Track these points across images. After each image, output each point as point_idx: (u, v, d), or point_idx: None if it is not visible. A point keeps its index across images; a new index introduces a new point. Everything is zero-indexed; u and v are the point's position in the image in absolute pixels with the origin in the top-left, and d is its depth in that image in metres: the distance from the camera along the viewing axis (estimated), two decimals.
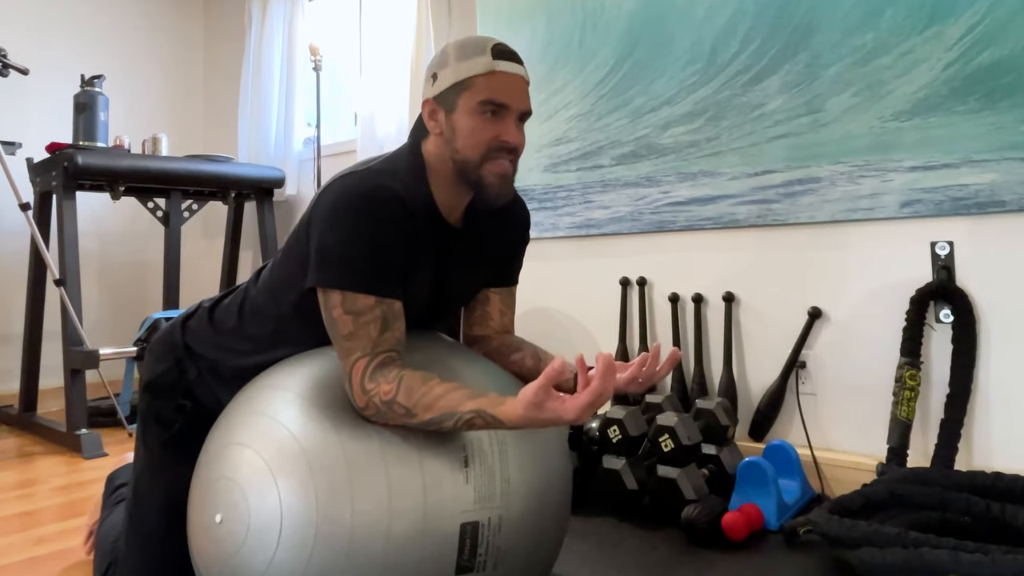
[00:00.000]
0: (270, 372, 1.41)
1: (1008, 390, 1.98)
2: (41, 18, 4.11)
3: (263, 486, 1.21)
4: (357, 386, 1.27)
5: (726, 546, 1.87)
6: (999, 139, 1.97)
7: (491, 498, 1.27)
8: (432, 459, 1.25)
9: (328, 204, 1.33)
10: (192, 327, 1.55)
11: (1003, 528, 1.67)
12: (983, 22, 1.99)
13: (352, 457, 1.22)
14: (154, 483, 1.53)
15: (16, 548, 1.99)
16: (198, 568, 1.33)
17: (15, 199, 2.96)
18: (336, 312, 1.30)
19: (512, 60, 1.38)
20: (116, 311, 4.30)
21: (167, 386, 1.53)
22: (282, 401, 1.30)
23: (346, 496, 1.19)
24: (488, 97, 1.35)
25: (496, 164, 1.37)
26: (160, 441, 1.53)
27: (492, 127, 1.36)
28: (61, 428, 3.14)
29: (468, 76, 1.35)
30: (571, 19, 2.87)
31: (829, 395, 2.27)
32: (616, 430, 2.14)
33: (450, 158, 1.39)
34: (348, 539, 1.18)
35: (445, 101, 1.38)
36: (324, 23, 4.18)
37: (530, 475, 1.34)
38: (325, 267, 1.32)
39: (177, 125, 4.64)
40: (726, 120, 2.46)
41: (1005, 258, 1.98)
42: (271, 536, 1.19)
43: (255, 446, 1.26)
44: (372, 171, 1.37)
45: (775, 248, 2.38)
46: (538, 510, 1.35)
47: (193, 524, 1.34)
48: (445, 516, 1.22)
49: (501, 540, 1.27)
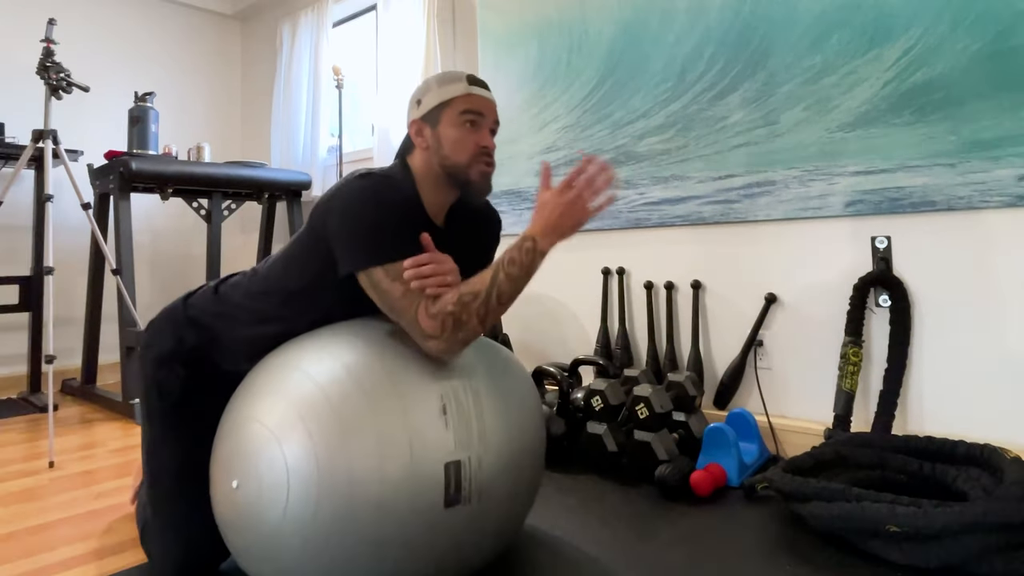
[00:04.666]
0: (274, 353, 1.39)
1: (937, 365, 1.96)
2: (100, 42, 4.07)
3: (270, 451, 1.21)
4: (425, 320, 1.27)
5: (694, 500, 1.86)
6: (930, 148, 1.95)
7: (469, 440, 1.27)
8: (414, 410, 1.24)
9: (340, 203, 1.33)
10: (194, 302, 1.53)
11: (934, 485, 1.67)
12: (916, 46, 1.97)
13: (343, 415, 1.21)
14: (163, 450, 1.49)
15: (79, 501, 1.97)
16: (224, 531, 1.31)
17: (78, 200, 2.93)
18: (384, 284, 1.30)
19: (482, 87, 1.46)
20: (165, 296, 4.27)
21: (167, 355, 1.49)
22: (285, 378, 1.29)
23: (342, 449, 1.18)
24: (467, 107, 1.42)
25: (480, 165, 1.43)
26: (162, 412, 1.49)
27: (473, 135, 1.42)
28: (117, 398, 3.13)
29: (449, 97, 1.43)
30: (559, 43, 2.84)
31: (783, 369, 2.26)
32: (599, 399, 2.13)
33: (438, 164, 1.43)
34: (348, 485, 1.17)
35: (430, 119, 1.44)
36: (345, 47, 4.14)
37: (504, 419, 1.35)
38: (357, 252, 1.32)
39: (218, 135, 4.61)
40: (694, 131, 2.43)
41: (936, 251, 1.96)
42: (281, 492, 1.18)
43: (260, 418, 1.25)
44: (373, 174, 1.38)
45: (736, 242, 2.36)
46: (514, 449, 1.35)
47: (215, 494, 1.32)
48: (430, 458, 1.22)
49: (482, 476, 1.28)
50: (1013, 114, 1.82)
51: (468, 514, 1.26)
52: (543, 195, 1.36)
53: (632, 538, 1.62)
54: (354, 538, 1.18)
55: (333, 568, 1.19)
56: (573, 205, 1.32)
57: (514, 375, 1.47)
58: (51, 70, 2.78)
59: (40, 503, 1.97)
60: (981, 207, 1.87)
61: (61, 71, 2.80)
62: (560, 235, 1.33)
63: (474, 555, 1.33)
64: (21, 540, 1.71)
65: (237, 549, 1.28)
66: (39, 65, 2.78)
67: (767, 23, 2.25)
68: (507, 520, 1.37)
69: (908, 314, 2.00)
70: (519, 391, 1.44)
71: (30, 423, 2.97)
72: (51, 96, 2.80)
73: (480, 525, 1.29)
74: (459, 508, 1.25)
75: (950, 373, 1.94)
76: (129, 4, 4.21)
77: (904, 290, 2.00)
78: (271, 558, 1.21)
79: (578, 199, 1.32)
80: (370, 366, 1.27)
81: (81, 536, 1.73)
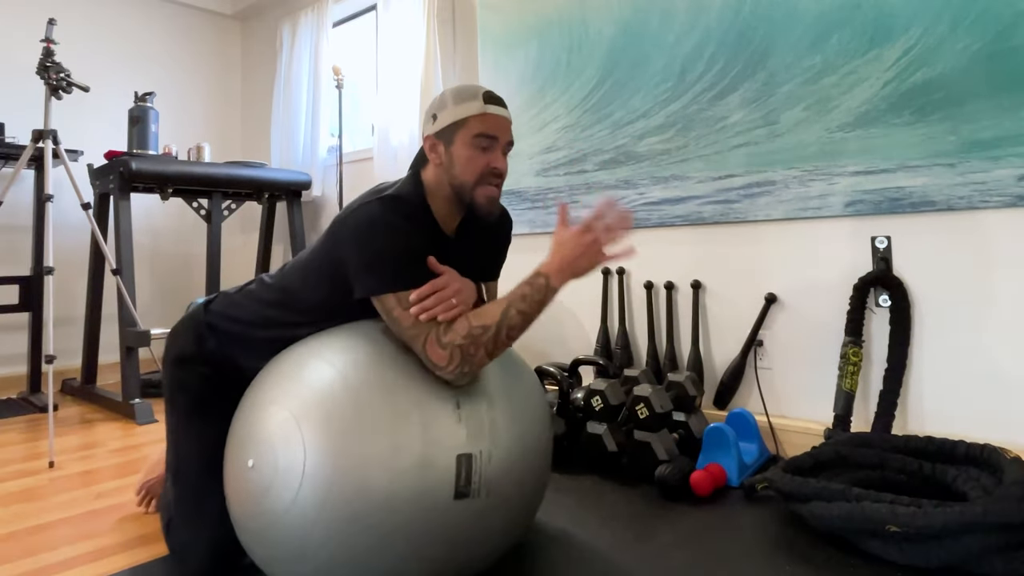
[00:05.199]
0: (298, 344, 1.42)
1: (938, 365, 1.96)
2: (100, 42, 4.07)
3: (289, 432, 1.23)
4: (435, 350, 1.29)
5: (694, 500, 1.86)
6: (930, 148, 1.95)
7: (480, 435, 1.29)
8: (428, 403, 1.27)
9: (355, 228, 1.36)
10: (214, 307, 1.58)
11: (934, 485, 1.67)
12: (916, 46, 1.97)
13: (361, 405, 1.23)
14: (187, 445, 1.53)
15: (79, 502, 1.97)
16: (232, 510, 1.33)
17: (78, 200, 2.93)
18: (396, 312, 1.32)
19: (498, 104, 1.45)
20: (165, 296, 4.27)
21: (189, 356, 1.55)
22: (304, 364, 1.32)
23: (357, 437, 1.20)
24: (481, 131, 1.42)
25: (486, 188, 1.44)
26: (187, 407, 1.55)
27: (484, 157, 1.43)
28: (117, 398, 3.12)
29: (464, 116, 1.42)
30: (559, 43, 2.84)
31: (783, 369, 2.26)
32: (599, 399, 2.13)
33: (448, 183, 1.45)
34: (361, 471, 1.19)
35: (444, 136, 1.44)
36: (345, 47, 4.14)
37: (514, 419, 1.37)
38: (371, 278, 1.34)
39: (218, 135, 4.61)
40: (693, 131, 2.43)
41: (936, 251, 1.96)
42: (295, 475, 1.20)
43: (280, 401, 1.28)
44: (386, 197, 1.40)
45: (736, 242, 2.36)
46: (523, 447, 1.37)
47: (228, 472, 1.35)
48: (442, 450, 1.24)
49: (491, 471, 1.29)
50: (1013, 114, 1.82)
51: (476, 508, 1.27)
52: (561, 234, 1.38)
53: (632, 538, 1.62)
54: (363, 525, 1.19)
55: (340, 554, 1.20)
56: (591, 247, 1.34)
57: (523, 375, 1.50)
58: (51, 70, 2.78)
59: (40, 503, 1.97)
60: (981, 207, 1.87)
61: (61, 71, 2.80)
62: (574, 275, 1.35)
63: (480, 551, 1.33)
64: (21, 540, 1.71)
65: (246, 531, 1.29)
66: (39, 65, 2.78)
67: (767, 23, 2.25)
68: (514, 517, 1.37)
69: (908, 314, 1.99)
70: (528, 391, 1.47)
71: (30, 423, 2.96)
72: (51, 96, 2.80)
73: (487, 521, 1.30)
74: (468, 501, 1.26)
75: (950, 373, 1.94)
76: (129, 4, 4.21)
77: (904, 290, 2.00)
78: (279, 541, 1.22)
79: (596, 242, 1.34)
80: (389, 359, 1.30)
81: (81, 536, 1.73)
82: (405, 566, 1.23)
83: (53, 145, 2.85)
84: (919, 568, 1.41)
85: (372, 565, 1.21)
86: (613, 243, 1.35)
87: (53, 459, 2.36)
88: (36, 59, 3.64)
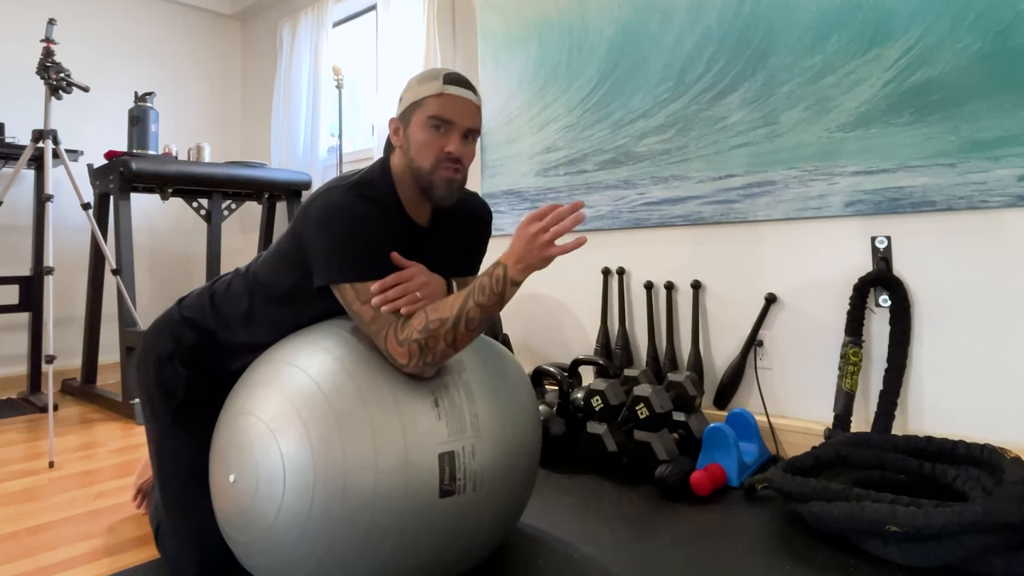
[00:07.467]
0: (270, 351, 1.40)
1: (938, 365, 1.96)
2: (100, 42, 4.06)
3: (266, 444, 1.22)
4: (394, 347, 1.27)
5: (694, 500, 1.86)
6: (930, 148, 1.95)
7: (462, 430, 1.28)
8: (406, 402, 1.25)
9: (317, 214, 1.32)
10: (188, 303, 1.55)
11: (934, 484, 1.67)
12: (916, 46, 1.97)
13: (338, 408, 1.22)
14: (171, 451, 1.49)
15: (79, 501, 1.97)
16: (222, 525, 1.32)
17: (78, 200, 2.93)
18: (356, 306, 1.30)
19: (461, 85, 1.38)
20: (165, 296, 4.27)
21: (166, 355, 1.51)
22: (277, 373, 1.31)
23: (336, 441, 1.19)
24: (435, 113, 1.36)
25: (443, 171, 1.37)
26: (169, 412, 1.50)
27: (439, 140, 1.36)
28: (117, 398, 3.13)
29: (422, 96, 1.37)
30: (560, 43, 2.84)
31: (783, 369, 2.26)
32: (599, 399, 2.13)
33: (407, 166, 1.40)
34: (343, 476, 1.18)
35: (404, 118, 1.40)
36: (345, 47, 4.14)
37: (497, 410, 1.36)
38: (328, 267, 1.31)
39: (218, 135, 4.61)
40: (693, 131, 2.43)
41: (936, 251, 1.96)
42: (277, 484, 1.19)
43: (255, 412, 1.26)
44: (350, 183, 1.36)
45: (736, 242, 2.36)
46: (509, 441, 1.36)
47: (213, 487, 1.34)
48: (424, 448, 1.23)
49: (476, 465, 1.28)
50: (1013, 114, 1.82)
51: (463, 504, 1.27)
52: (520, 226, 1.34)
53: (632, 538, 1.62)
54: (350, 529, 1.18)
55: (330, 559, 1.20)
56: (535, 238, 1.25)
57: (507, 369, 1.47)
58: (51, 70, 2.78)
59: (40, 503, 1.97)
60: (981, 207, 1.87)
61: (61, 71, 2.80)
62: (528, 265, 1.27)
63: (471, 546, 1.33)
64: (21, 540, 1.71)
65: (236, 543, 1.29)
66: (39, 65, 2.78)
67: (767, 23, 2.25)
68: (503, 511, 1.37)
69: (908, 314, 1.99)
70: (512, 384, 1.45)
71: (30, 423, 2.96)
72: (51, 96, 2.80)
73: (476, 515, 1.30)
74: (454, 498, 1.26)
75: (950, 373, 1.94)
76: (129, 4, 4.21)
77: (904, 290, 2.00)
78: (269, 551, 1.22)
79: (541, 232, 1.25)
80: (363, 359, 1.29)
81: (81, 536, 1.73)
82: (396, 565, 1.23)
83: (53, 145, 2.85)
84: (919, 568, 1.41)
85: (363, 567, 1.21)
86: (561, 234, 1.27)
87: (53, 459, 2.36)
88: (36, 59, 3.65)
